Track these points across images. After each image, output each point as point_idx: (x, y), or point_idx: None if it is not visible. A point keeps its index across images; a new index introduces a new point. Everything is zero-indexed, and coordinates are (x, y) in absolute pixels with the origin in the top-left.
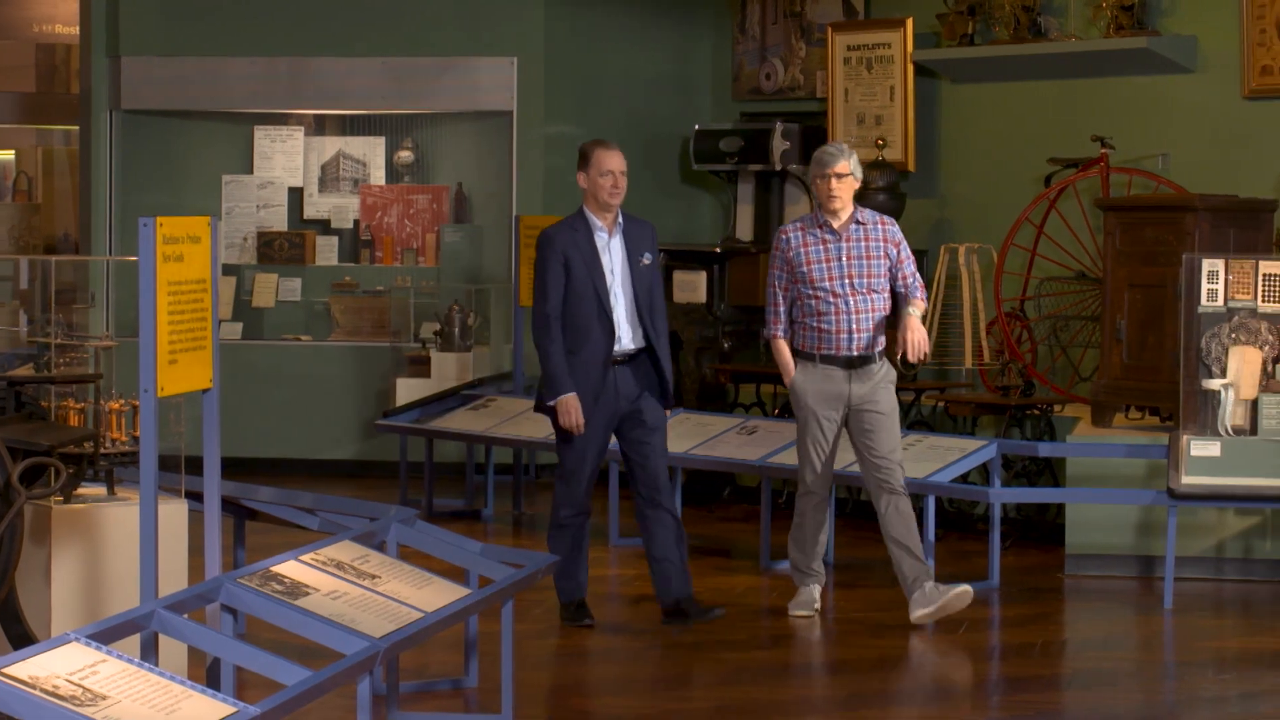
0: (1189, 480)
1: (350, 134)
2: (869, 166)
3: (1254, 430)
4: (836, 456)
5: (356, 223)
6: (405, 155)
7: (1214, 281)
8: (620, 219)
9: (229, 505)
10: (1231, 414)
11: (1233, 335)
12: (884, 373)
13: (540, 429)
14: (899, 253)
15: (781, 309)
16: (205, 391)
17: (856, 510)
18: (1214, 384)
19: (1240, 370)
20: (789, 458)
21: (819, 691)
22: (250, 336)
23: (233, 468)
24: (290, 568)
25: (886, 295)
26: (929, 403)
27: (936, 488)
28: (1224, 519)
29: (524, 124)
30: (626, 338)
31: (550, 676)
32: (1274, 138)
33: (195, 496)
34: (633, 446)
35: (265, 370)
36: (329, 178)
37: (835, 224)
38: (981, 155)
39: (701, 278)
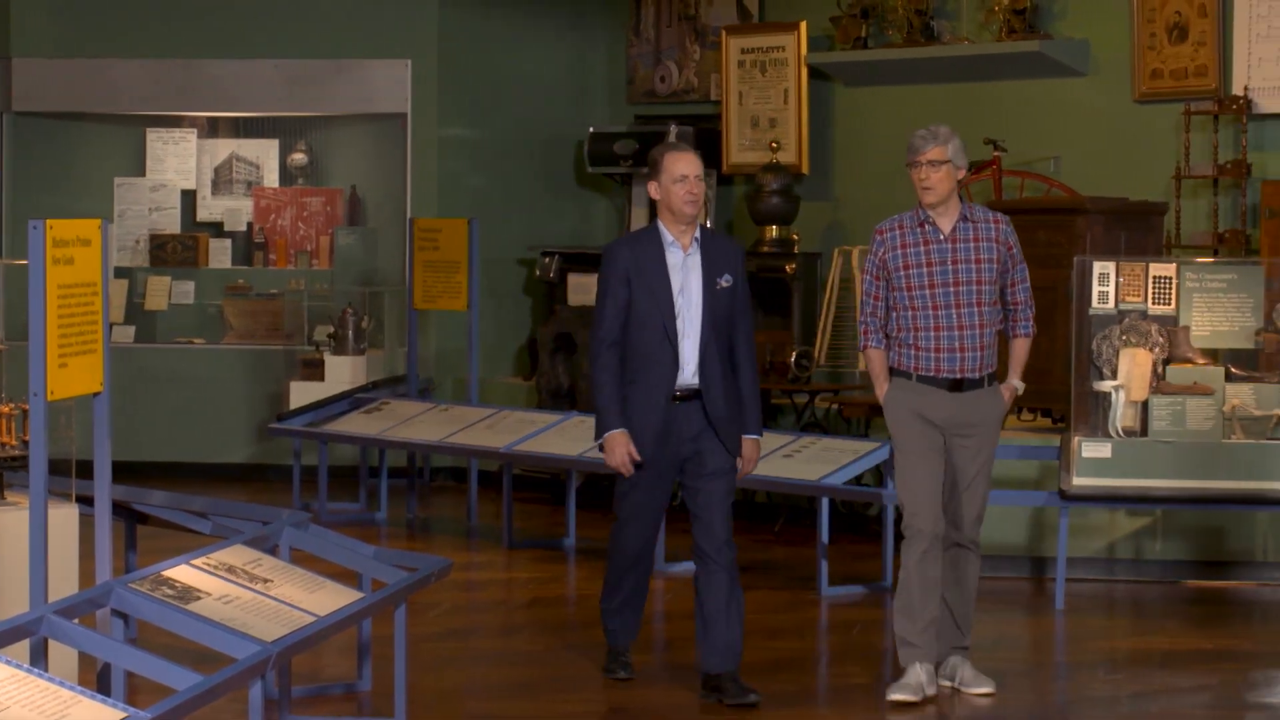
0: (1080, 482)
1: (243, 136)
2: (763, 169)
3: (1144, 432)
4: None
5: (250, 225)
6: (299, 158)
7: (1105, 284)
8: (699, 235)
9: (120, 509)
10: (1122, 416)
11: (1123, 337)
12: (994, 400)
13: (434, 431)
14: (1012, 256)
15: (875, 319)
16: (96, 395)
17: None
18: (1105, 386)
19: (1131, 372)
20: None
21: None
22: (143, 340)
23: (125, 472)
24: (182, 572)
25: (997, 308)
26: (823, 405)
27: (830, 490)
28: (1115, 520)
29: (418, 126)
30: (691, 370)
31: (444, 680)
32: (1164, 141)
33: (86, 501)
34: (691, 494)
35: (158, 374)
36: (222, 180)
37: (939, 221)
38: (875, 158)
39: (595, 280)
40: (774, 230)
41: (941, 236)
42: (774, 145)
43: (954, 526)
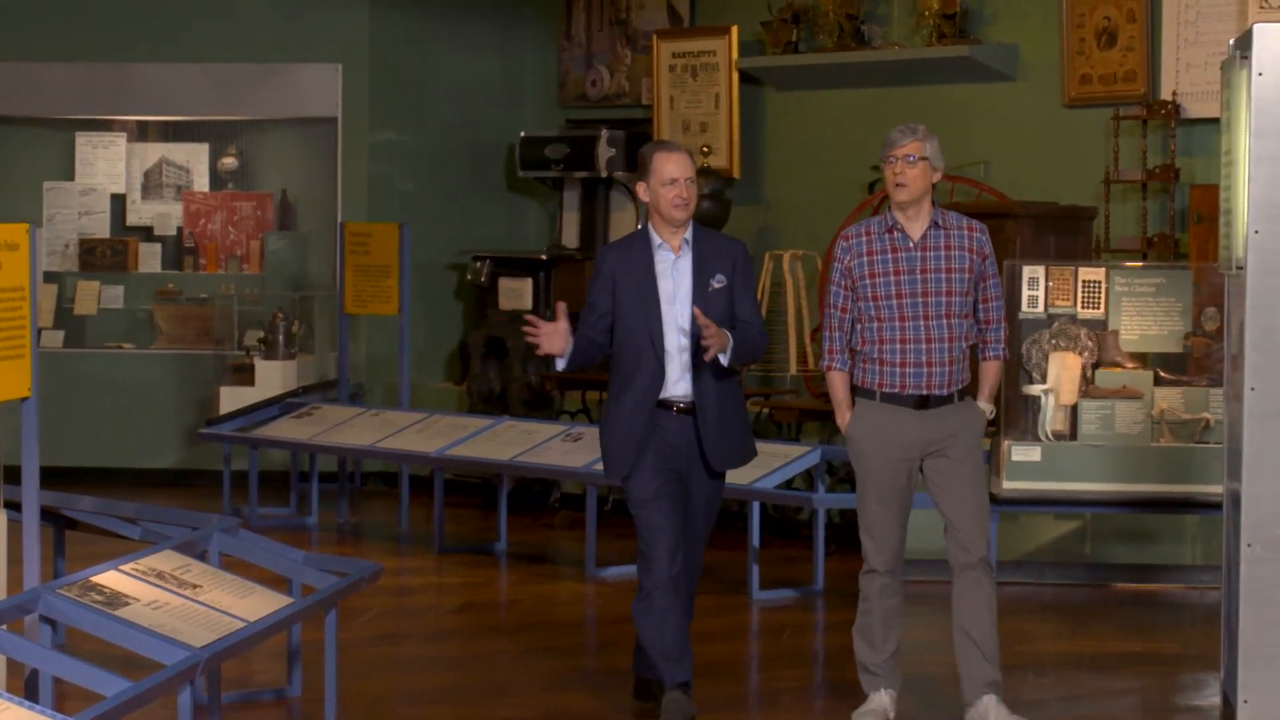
0: (1010, 485)
1: (173, 140)
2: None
3: (1074, 435)
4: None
5: (180, 230)
6: (229, 162)
7: (1034, 288)
8: (690, 235)
9: (48, 515)
10: (1052, 419)
11: (1053, 341)
12: (966, 414)
13: (365, 435)
14: (985, 268)
15: (839, 334)
16: (24, 400)
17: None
18: (1034, 390)
19: (1060, 376)
20: None
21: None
22: (72, 345)
23: (54, 477)
24: (110, 578)
25: (969, 321)
26: (754, 409)
27: (760, 494)
28: (1044, 523)
29: (349, 130)
30: (678, 378)
31: (375, 685)
32: (1093, 145)
33: (14, 506)
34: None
35: (87, 379)
36: (152, 184)
37: (908, 226)
38: (806, 162)
39: (528, 285)
40: None
41: (910, 244)
42: (705, 149)
43: (959, 548)
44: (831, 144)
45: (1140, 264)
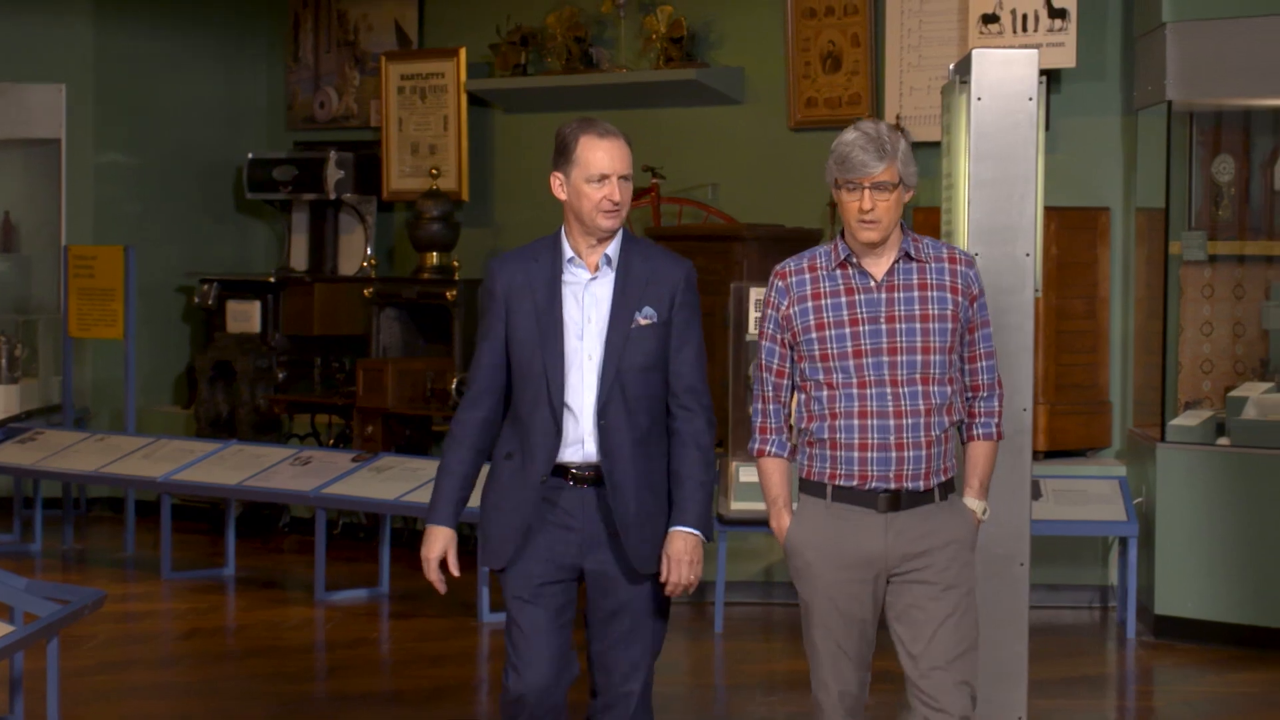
0: (738, 506)
1: None
2: (423, 196)
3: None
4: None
5: None
6: None
7: (761, 310)
8: (619, 251)
9: None
10: None
11: None
12: (951, 519)
13: (90, 460)
14: (974, 314)
15: (774, 406)
16: None
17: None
18: None
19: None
20: (343, 488)
21: None
22: None
23: None
24: None
25: (955, 387)
26: None
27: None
28: (770, 544)
29: (73, 152)
30: (580, 439)
31: (100, 713)
32: (819, 168)
33: None
34: (590, 626)
35: None
36: None
37: (869, 261)
38: (536, 184)
39: (256, 307)
40: (435, 257)
41: (872, 283)
42: (434, 172)
43: (915, 684)
44: None
45: None
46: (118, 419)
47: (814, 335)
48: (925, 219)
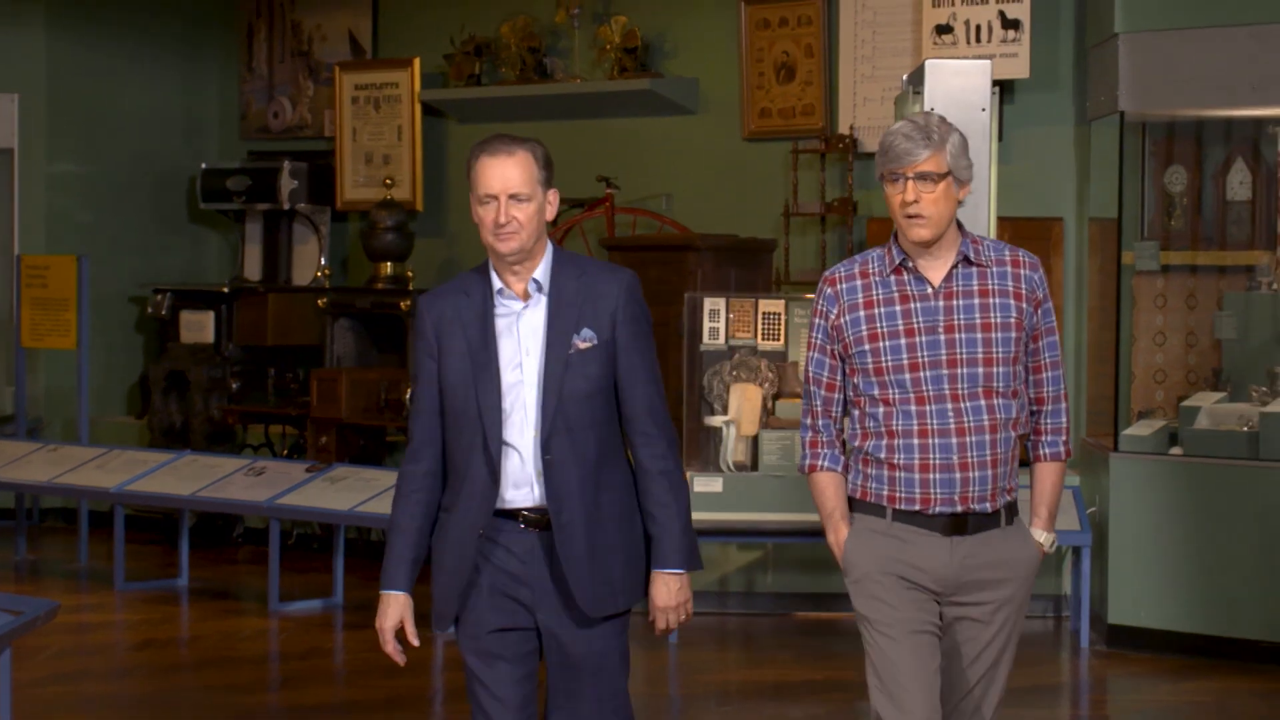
0: (692, 516)
1: None
2: (377, 206)
3: (755, 466)
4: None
5: None
6: None
7: (715, 320)
8: (549, 273)
9: None
10: (733, 450)
11: (734, 373)
12: (1016, 547)
13: (43, 471)
14: (1039, 320)
15: (825, 421)
16: None
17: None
18: (716, 421)
19: (741, 407)
20: (297, 499)
21: None
22: None
23: None
24: None
25: (1020, 399)
26: None
27: None
28: (727, 554)
29: (26, 161)
30: (529, 480)
31: None
32: (774, 178)
33: None
34: (550, 687)
35: None
36: None
37: (925, 264)
38: None
39: (209, 317)
40: (389, 267)
41: (929, 290)
42: (388, 182)
43: None
44: None
45: None
46: (71, 429)
47: (867, 347)
48: (880, 228)
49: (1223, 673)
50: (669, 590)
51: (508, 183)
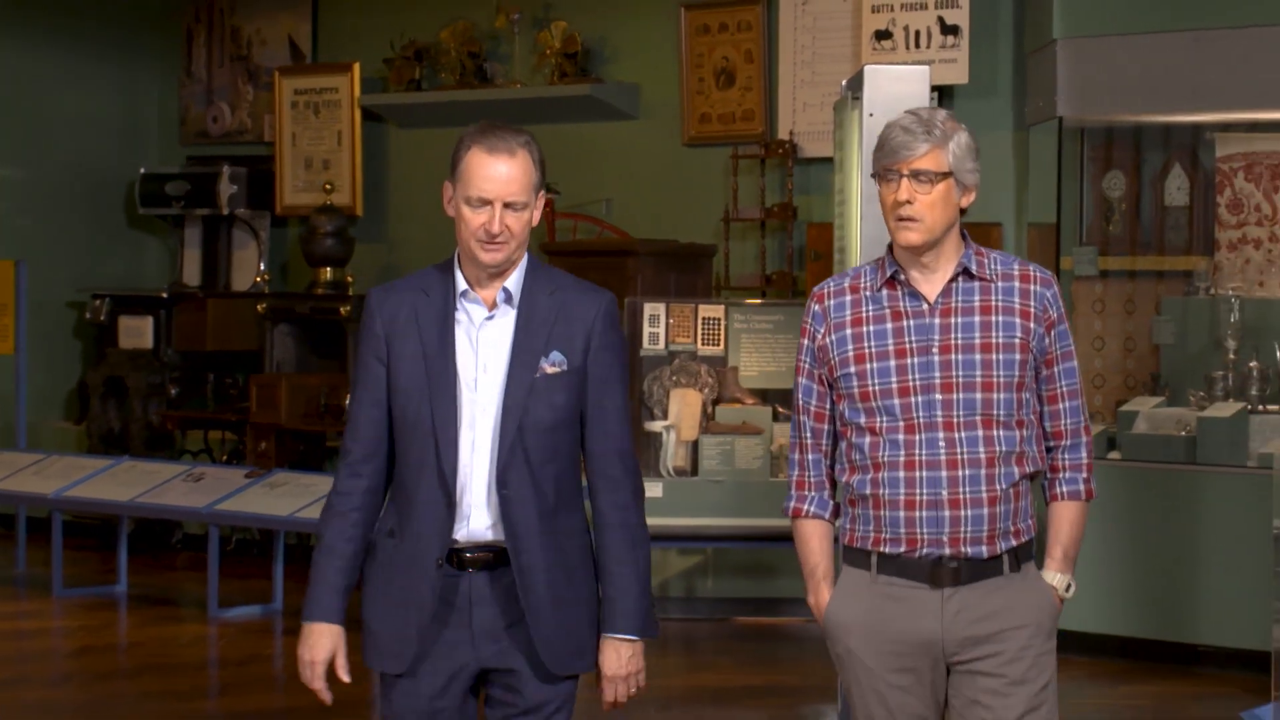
0: None
1: None
2: (316, 211)
3: (695, 471)
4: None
5: None
6: None
7: (655, 325)
8: (521, 284)
9: None
10: (673, 455)
11: (674, 378)
12: (1026, 595)
13: None
14: (1052, 343)
15: (812, 455)
16: None
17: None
18: (656, 426)
19: (681, 412)
20: (236, 504)
21: None
22: None
23: None
24: None
25: (1028, 431)
26: None
27: None
28: (667, 559)
29: None
30: (479, 514)
31: None
32: (713, 183)
33: None
34: None
35: None
36: None
37: (920, 277)
38: (430, 199)
39: (148, 323)
40: (328, 272)
41: (924, 305)
42: (328, 187)
43: None
44: None
45: (759, 301)
46: (8, 434)
47: (853, 370)
48: (819, 233)
49: (1161, 676)
50: (619, 658)
51: (507, 188)
